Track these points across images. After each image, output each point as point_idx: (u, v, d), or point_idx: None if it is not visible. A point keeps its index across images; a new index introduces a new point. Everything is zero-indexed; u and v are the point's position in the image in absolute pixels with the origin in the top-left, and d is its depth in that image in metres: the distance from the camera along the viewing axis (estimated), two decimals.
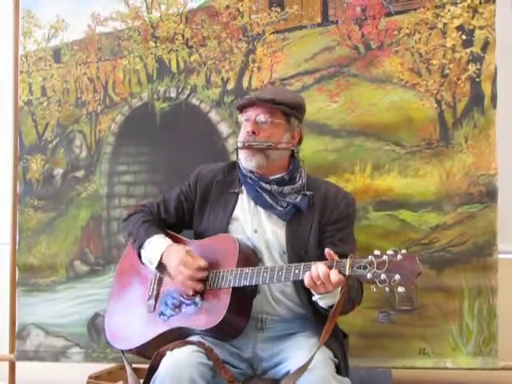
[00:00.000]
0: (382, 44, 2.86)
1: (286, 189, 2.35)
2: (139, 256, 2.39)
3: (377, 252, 1.97)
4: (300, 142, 2.45)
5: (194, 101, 3.03)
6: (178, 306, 2.32)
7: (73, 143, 3.15)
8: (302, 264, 2.10)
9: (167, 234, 2.43)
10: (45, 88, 3.17)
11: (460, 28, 2.81)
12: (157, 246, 2.35)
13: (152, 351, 2.25)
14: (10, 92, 3.19)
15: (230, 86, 3.00)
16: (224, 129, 2.99)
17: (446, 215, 2.80)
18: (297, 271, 2.10)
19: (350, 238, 2.39)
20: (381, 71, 2.86)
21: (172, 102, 3.05)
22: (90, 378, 3.00)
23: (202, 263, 2.26)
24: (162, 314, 2.34)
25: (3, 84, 3.41)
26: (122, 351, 2.46)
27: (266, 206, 2.35)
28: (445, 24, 2.82)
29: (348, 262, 1.99)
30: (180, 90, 3.04)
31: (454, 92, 2.81)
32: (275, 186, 2.34)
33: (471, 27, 2.80)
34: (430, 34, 2.83)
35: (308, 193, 2.36)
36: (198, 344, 2.16)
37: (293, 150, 2.41)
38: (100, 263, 3.10)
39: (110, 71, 3.11)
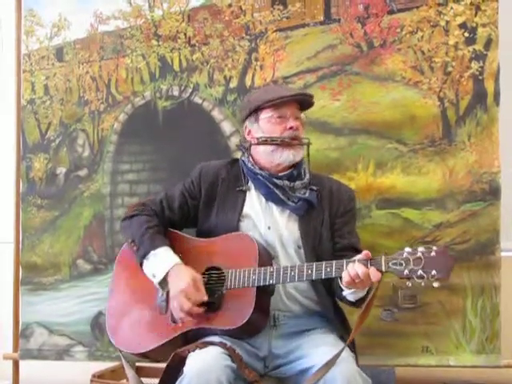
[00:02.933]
0: (385, 42, 2.86)
1: (297, 184, 2.37)
2: (141, 265, 2.34)
3: (408, 249, 2.03)
4: None
5: (197, 99, 3.03)
6: (191, 308, 2.24)
7: (75, 142, 3.15)
8: (334, 262, 2.12)
9: (172, 234, 2.40)
10: (47, 87, 3.18)
11: (463, 25, 2.80)
12: (162, 261, 2.30)
13: (160, 354, 2.25)
14: (13, 91, 3.20)
15: (233, 84, 2.99)
16: (227, 127, 2.99)
17: (449, 213, 2.80)
18: (328, 269, 2.11)
19: (355, 230, 2.45)
20: (383, 69, 2.86)
21: (175, 101, 3.05)
22: (94, 376, 3.00)
23: (204, 298, 2.22)
24: (175, 315, 2.28)
25: (6, 83, 3.42)
26: (121, 351, 2.42)
27: (279, 202, 2.37)
28: (447, 22, 2.81)
29: (383, 259, 2.04)
30: (183, 88, 3.04)
31: (457, 90, 2.81)
32: (287, 182, 2.36)
33: (474, 25, 2.79)
34: (432, 32, 2.82)
35: (315, 187, 2.40)
36: (221, 345, 2.14)
37: None
38: (103, 262, 3.10)
39: (113, 70, 3.11)
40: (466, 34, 2.80)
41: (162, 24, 3.05)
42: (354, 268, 2.05)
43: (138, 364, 2.98)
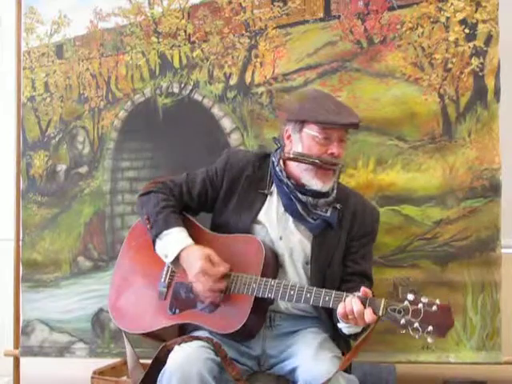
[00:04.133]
0: (385, 38, 2.85)
1: (320, 202, 2.31)
2: (153, 243, 2.31)
3: (411, 297, 1.98)
4: None
5: (197, 96, 3.02)
6: (192, 301, 2.27)
7: (76, 139, 3.15)
8: (333, 292, 2.09)
9: (186, 221, 2.37)
10: (47, 84, 3.18)
11: (463, 22, 2.80)
12: (175, 240, 2.26)
13: (157, 337, 2.26)
14: (13, 88, 3.20)
15: (233, 81, 2.99)
16: (227, 124, 2.98)
17: (449, 210, 2.80)
18: (327, 298, 2.09)
19: (371, 254, 2.41)
20: (383, 66, 2.86)
21: (175, 98, 3.04)
22: (94, 373, 3.00)
23: (224, 269, 2.20)
24: (173, 305, 2.31)
25: (6, 80, 3.41)
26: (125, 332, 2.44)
27: (297, 217, 2.30)
28: (448, 18, 2.81)
29: (382, 303, 2.01)
30: (183, 85, 3.04)
31: (457, 86, 2.81)
32: (310, 198, 2.30)
33: (474, 21, 2.79)
34: (432, 28, 2.82)
35: (338, 206, 2.33)
36: (207, 340, 2.15)
37: None
38: (103, 259, 3.10)
39: (113, 67, 3.11)
40: (467, 31, 2.79)
41: (161, 21, 3.05)
42: (350, 303, 2.02)
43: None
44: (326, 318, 2.29)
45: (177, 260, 2.25)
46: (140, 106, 3.08)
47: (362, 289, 2.05)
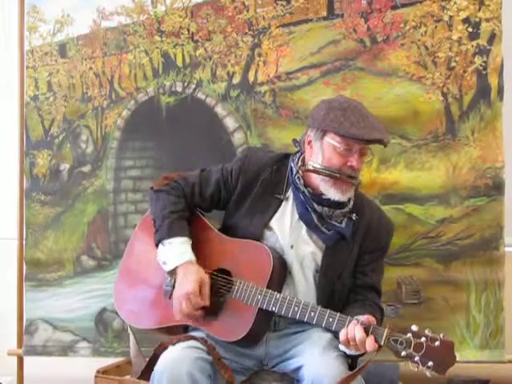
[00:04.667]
0: (388, 37, 2.86)
1: (336, 213, 2.27)
2: (156, 246, 2.30)
3: (415, 328, 1.96)
4: None
5: (200, 95, 3.02)
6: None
7: (79, 138, 3.15)
8: (338, 315, 2.07)
9: (196, 220, 2.36)
10: (51, 83, 3.17)
11: (466, 20, 2.80)
12: (175, 253, 2.25)
13: (159, 333, 2.28)
14: (16, 87, 3.19)
15: (236, 80, 2.99)
16: (230, 123, 2.98)
17: (452, 208, 2.80)
18: (331, 320, 2.07)
19: (381, 267, 2.39)
20: (387, 64, 2.86)
21: (178, 97, 3.04)
22: (98, 372, 2.99)
23: (206, 303, 2.19)
24: (174, 314, 2.27)
25: (9, 79, 3.41)
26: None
27: (311, 226, 2.26)
28: (451, 16, 2.82)
29: (385, 332, 1.98)
30: (186, 84, 3.03)
31: (461, 85, 2.81)
32: (326, 209, 2.25)
33: (477, 19, 2.79)
34: (436, 27, 2.82)
35: (354, 217, 2.29)
36: (201, 341, 2.14)
37: None
38: (107, 258, 3.10)
39: (116, 66, 3.11)
40: (470, 29, 2.80)
41: (165, 20, 3.05)
42: (353, 330, 2.00)
43: None
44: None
45: (173, 271, 2.25)
46: (143, 105, 3.08)
47: (366, 317, 2.04)
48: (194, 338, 2.17)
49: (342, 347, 2.12)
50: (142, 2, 3.07)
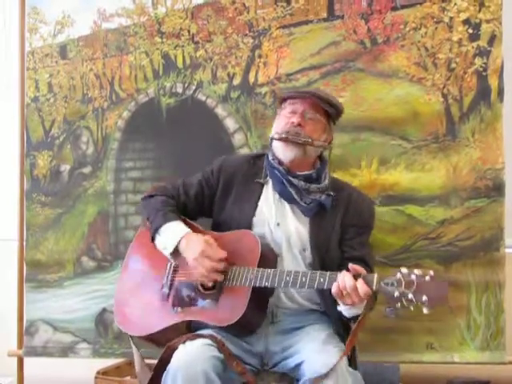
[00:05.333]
0: (388, 38, 2.85)
1: (313, 187, 2.35)
2: (153, 240, 2.35)
3: (404, 270, 1.96)
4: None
5: (201, 96, 3.03)
6: (193, 299, 2.30)
7: (79, 139, 3.15)
8: (328, 273, 2.10)
9: (185, 222, 2.41)
10: (51, 84, 3.18)
11: (466, 22, 2.80)
12: (174, 231, 2.31)
13: (161, 340, 2.26)
14: (17, 89, 3.20)
15: (236, 81, 2.99)
16: (230, 124, 2.99)
17: (452, 210, 2.80)
18: (322, 280, 2.10)
19: (368, 244, 2.41)
20: (387, 66, 2.86)
21: (178, 98, 3.05)
22: (98, 373, 3.01)
23: (223, 254, 2.24)
24: (175, 305, 2.32)
25: (10, 81, 3.42)
26: (131, 336, 2.45)
27: (291, 200, 2.35)
28: (451, 18, 2.81)
29: (376, 276, 2.00)
30: (186, 85, 3.04)
31: (461, 86, 2.80)
32: (302, 182, 2.34)
33: (478, 21, 2.79)
34: (436, 28, 2.82)
35: (332, 193, 2.35)
36: (210, 338, 2.16)
37: (321, 151, 2.43)
38: (107, 259, 3.10)
39: (116, 67, 3.12)
40: (470, 30, 2.79)
41: (165, 21, 3.06)
42: (343, 279, 2.03)
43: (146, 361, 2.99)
44: (330, 308, 2.27)
45: (176, 251, 2.29)
46: (144, 106, 3.09)
47: (355, 266, 2.05)
48: (202, 336, 2.18)
49: (340, 308, 2.14)
50: (143, 3, 3.07)
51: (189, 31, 3.03)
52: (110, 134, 3.12)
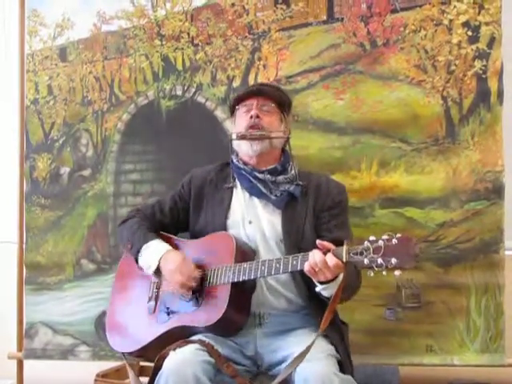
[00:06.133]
0: (388, 41, 2.86)
1: (279, 178, 2.38)
2: (136, 261, 2.41)
3: (372, 237, 1.98)
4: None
5: (200, 99, 3.03)
6: (177, 306, 2.33)
7: (79, 142, 3.15)
8: (300, 255, 2.12)
9: (163, 238, 2.46)
10: (51, 87, 3.18)
11: (466, 24, 2.80)
12: (155, 250, 2.38)
13: (153, 353, 2.26)
14: (17, 91, 3.20)
15: (236, 83, 2.99)
16: (230, 126, 2.98)
17: (452, 212, 2.80)
18: (294, 262, 2.12)
19: (346, 224, 2.42)
20: (387, 68, 2.86)
21: (178, 100, 3.05)
22: (98, 376, 3.01)
23: (196, 273, 2.29)
24: (161, 315, 2.36)
25: (10, 83, 3.42)
26: (123, 353, 2.47)
27: (261, 195, 2.38)
28: (450, 20, 2.81)
29: (344, 248, 2.01)
30: (186, 88, 3.04)
31: (460, 88, 2.81)
32: (268, 176, 2.37)
33: (477, 23, 2.79)
34: (435, 31, 2.82)
35: (301, 182, 2.39)
36: (200, 342, 2.17)
37: (284, 144, 2.46)
38: (107, 262, 3.10)
39: (116, 70, 3.12)
40: (470, 33, 2.79)
41: (165, 24, 3.06)
42: (313, 257, 2.05)
43: (142, 364, 2.99)
44: (315, 313, 2.27)
45: (158, 269, 2.35)
46: (143, 109, 3.09)
47: (317, 241, 2.07)
48: (191, 341, 2.19)
49: (318, 288, 2.14)
50: (143, 5, 3.08)
51: (188, 34, 3.04)
52: (110, 136, 3.12)
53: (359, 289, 2.31)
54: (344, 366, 2.18)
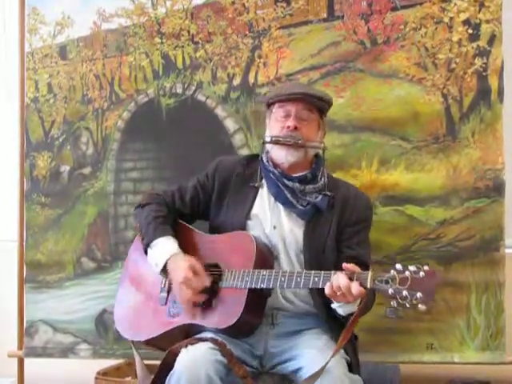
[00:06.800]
0: (388, 39, 2.86)
1: (308, 188, 2.34)
2: (146, 253, 2.38)
3: (399, 267, 1.95)
4: None
5: (200, 97, 3.03)
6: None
7: (79, 140, 3.15)
8: (322, 272, 2.09)
9: (179, 226, 2.41)
10: (51, 85, 3.18)
11: (466, 22, 2.80)
12: (162, 250, 2.32)
13: (162, 344, 2.27)
14: (17, 89, 3.20)
15: (236, 81, 2.99)
16: (230, 125, 2.99)
17: (452, 210, 2.80)
18: (316, 279, 2.09)
19: (367, 241, 2.40)
20: (387, 66, 2.86)
21: (178, 98, 3.05)
22: (98, 374, 3.00)
23: (206, 283, 2.23)
24: (173, 308, 2.33)
25: (10, 81, 3.42)
26: (132, 341, 2.46)
27: (287, 204, 2.34)
28: (451, 18, 2.81)
29: (370, 274, 1.98)
30: (186, 86, 3.04)
31: (461, 86, 2.81)
32: (297, 184, 2.33)
33: (477, 21, 2.79)
34: (436, 29, 2.82)
35: (329, 193, 2.34)
36: (212, 341, 2.15)
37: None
38: (107, 260, 3.10)
39: (116, 68, 3.11)
40: (470, 31, 2.80)
41: (165, 22, 3.05)
42: (337, 279, 2.01)
43: (146, 362, 2.99)
44: (325, 316, 2.27)
45: (165, 269, 2.30)
46: (143, 107, 3.08)
47: (345, 265, 2.04)
48: (203, 339, 2.18)
49: (334, 305, 2.13)
50: (142, 3, 3.07)
51: (188, 32, 3.03)
52: (110, 134, 3.11)
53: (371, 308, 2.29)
54: (353, 367, 2.19)
